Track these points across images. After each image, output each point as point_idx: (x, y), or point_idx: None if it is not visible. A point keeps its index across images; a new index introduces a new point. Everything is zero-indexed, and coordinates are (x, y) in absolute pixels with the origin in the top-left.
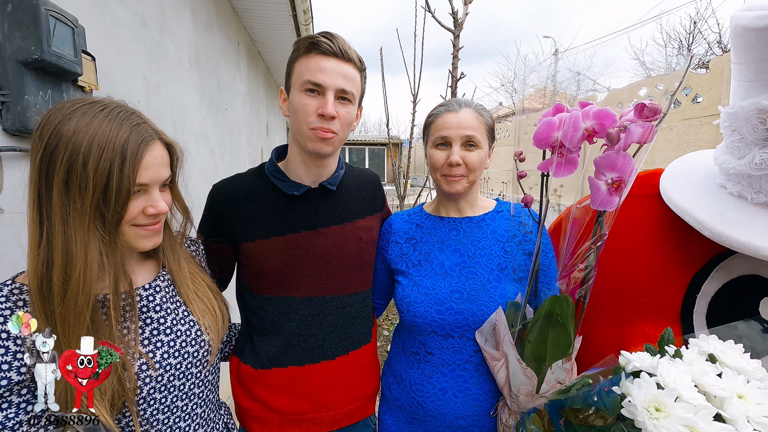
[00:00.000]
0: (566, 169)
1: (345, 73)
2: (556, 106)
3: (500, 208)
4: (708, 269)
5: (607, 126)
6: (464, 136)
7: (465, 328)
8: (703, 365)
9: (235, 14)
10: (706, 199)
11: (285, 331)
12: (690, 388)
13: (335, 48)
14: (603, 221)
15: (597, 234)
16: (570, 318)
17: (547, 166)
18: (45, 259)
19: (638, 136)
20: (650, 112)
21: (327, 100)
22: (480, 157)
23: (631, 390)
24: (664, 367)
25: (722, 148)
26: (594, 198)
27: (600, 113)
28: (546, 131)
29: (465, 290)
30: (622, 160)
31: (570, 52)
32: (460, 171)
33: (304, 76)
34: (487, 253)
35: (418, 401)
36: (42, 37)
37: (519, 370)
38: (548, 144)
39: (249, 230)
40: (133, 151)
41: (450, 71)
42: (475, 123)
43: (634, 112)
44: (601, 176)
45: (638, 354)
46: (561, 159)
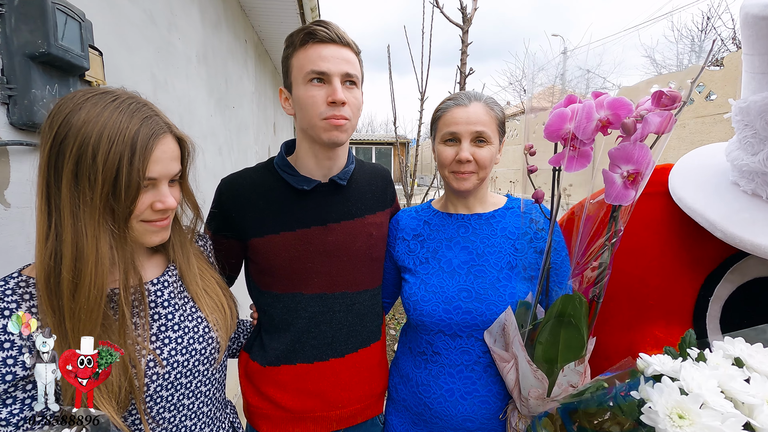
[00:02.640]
0: (579, 163)
1: (346, 58)
2: (568, 97)
3: (510, 204)
4: (721, 271)
5: (622, 116)
6: (474, 131)
7: (473, 328)
8: (729, 369)
9: (243, 12)
10: (718, 198)
11: (294, 329)
12: (716, 393)
13: (332, 34)
14: (618, 216)
15: (611, 230)
16: (583, 318)
17: (558, 160)
18: (53, 252)
19: (656, 126)
20: (669, 100)
21: (335, 86)
22: (491, 153)
23: (652, 395)
24: (688, 371)
25: (734, 143)
26: (608, 192)
27: (615, 103)
28: (558, 123)
29: (473, 289)
30: (638, 151)
31: (579, 50)
32: (470, 168)
33: (306, 67)
34: (496, 251)
35: (425, 402)
36: (49, 31)
37: (529, 372)
38: (560, 136)
39: (258, 226)
40: (143, 144)
41: (459, 67)
42: (486, 118)
43: (651, 100)
44: (616, 169)
45: (658, 357)
46: (573, 152)
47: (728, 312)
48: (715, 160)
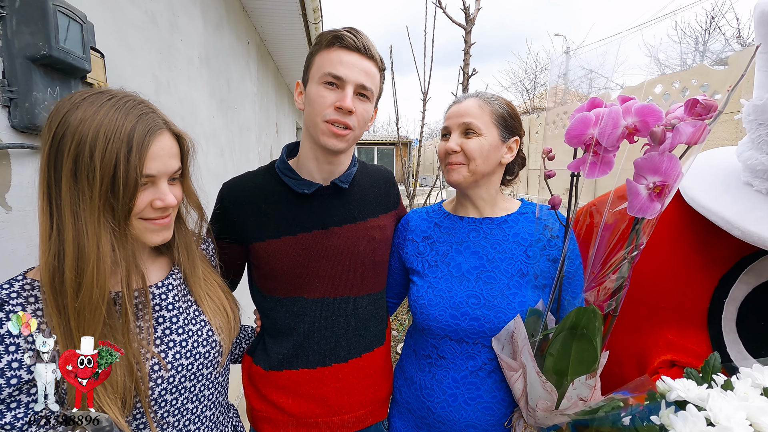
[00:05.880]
0: (601, 170)
1: (366, 69)
2: (592, 100)
3: (524, 209)
4: (736, 272)
5: (651, 124)
6: (462, 123)
7: (480, 335)
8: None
9: (245, 13)
10: (732, 198)
11: (296, 333)
12: (745, 427)
13: (359, 43)
14: (641, 229)
15: (633, 243)
16: (597, 331)
17: (578, 165)
18: (56, 252)
19: (688, 137)
20: (704, 110)
21: (346, 93)
22: (480, 144)
23: (675, 423)
24: (716, 401)
25: (746, 144)
26: (632, 203)
27: (644, 109)
28: (580, 128)
29: (482, 295)
30: (667, 162)
31: (582, 50)
32: (458, 159)
33: (324, 68)
34: (507, 257)
35: (428, 406)
36: (50, 34)
37: (538, 383)
38: (582, 142)
39: (259, 230)
40: (139, 141)
41: (461, 68)
42: (477, 111)
43: (684, 108)
44: (642, 180)
45: (682, 382)
46: (596, 159)
47: (744, 314)
48: (724, 161)
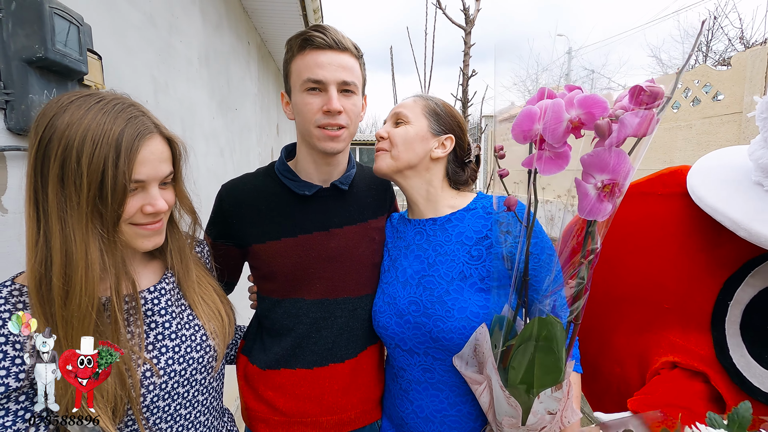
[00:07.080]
0: (556, 165)
1: (344, 64)
2: (540, 91)
3: (474, 205)
4: (741, 274)
5: (596, 116)
6: (394, 114)
7: (427, 345)
8: None
9: (246, 14)
10: (741, 198)
11: (295, 334)
12: None
13: (329, 40)
14: (594, 232)
15: (587, 247)
16: (560, 342)
17: (531, 162)
18: (43, 258)
19: (634, 128)
20: (649, 98)
21: (330, 95)
22: (405, 131)
23: None
24: None
25: (758, 143)
26: (582, 205)
27: (587, 100)
28: (525, 123)
29: (422, 302)
30: (614, 158)
31: (584, 50)
32: (383, 145)
33: (303, 75)
34: (448, 259)
35: (401, 416)
36: (46, 36)
37: (502, 398)
38: (529, 137)
39: (259, 232)
40: (128, 146)
41: (461, 69)
42: (410, 103)
43: (629, 97)
44: (590, 178)
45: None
46: (548, 154)
47: (749, 317)
48: (734, 160)
